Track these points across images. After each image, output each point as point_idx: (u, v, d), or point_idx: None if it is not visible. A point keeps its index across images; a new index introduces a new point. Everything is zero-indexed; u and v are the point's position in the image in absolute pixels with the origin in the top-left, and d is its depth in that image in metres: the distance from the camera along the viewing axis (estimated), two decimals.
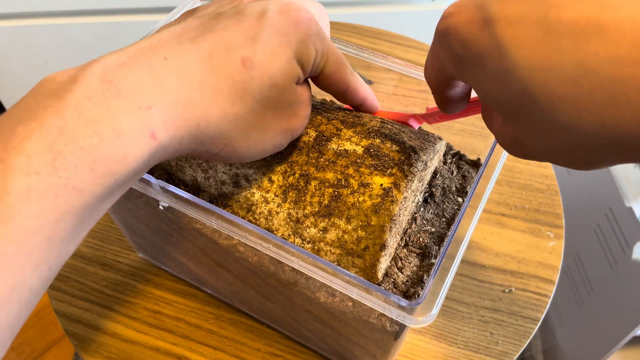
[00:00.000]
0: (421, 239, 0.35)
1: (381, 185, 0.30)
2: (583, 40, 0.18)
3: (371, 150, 0.32)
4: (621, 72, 0.17)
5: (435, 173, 0.39)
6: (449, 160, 0.41)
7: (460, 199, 0.38)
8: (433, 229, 0.36)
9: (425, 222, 0.36)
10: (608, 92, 0.18)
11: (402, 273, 0.33)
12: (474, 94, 0.30)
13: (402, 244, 0.35)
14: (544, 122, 0.20)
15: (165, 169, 0.37)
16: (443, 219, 0.36)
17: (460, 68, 0.23)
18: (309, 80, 0.31)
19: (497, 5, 0.20)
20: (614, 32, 0.18)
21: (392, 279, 0.33)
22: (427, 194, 0.38)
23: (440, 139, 0.37)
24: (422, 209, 0.37)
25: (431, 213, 0.37)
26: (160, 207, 0.35)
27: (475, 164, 0.42)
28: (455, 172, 0.40)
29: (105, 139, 0.21)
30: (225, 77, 0.25)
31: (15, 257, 0.19)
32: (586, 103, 0.18)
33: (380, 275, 0.31)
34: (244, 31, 0.26)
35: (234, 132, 0.26)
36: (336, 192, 0.31)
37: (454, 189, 0.39)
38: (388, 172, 0.31)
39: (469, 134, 0.48)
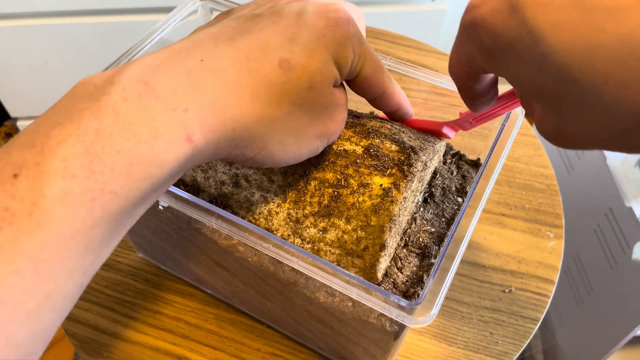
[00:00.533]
0: (421, 239, 0.35)
1: (381, 185, 0.30)
2: (624, 16, 0.17)
3: (371, 150, 0.32)
4: None
5: (435, 173, 0.39)
6: (448, 160, 0.41)
7: (460, 199, 0.38)
8: (433, 229, 0.36)
9: (425, 222, 0.36)
10: None
11: (401, 273, 0.33)
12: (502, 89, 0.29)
13: (402, 244, 0.35)
14: (588, 105, 0.19)
15: None
16: (443, 219, 0.36)
17: (491, 60, 0.22)
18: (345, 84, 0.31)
19: None
20: None
21: (391, 279, 0.33)
22: (426, 194, 0.38)
23: (440, 139, 0.37)
24: (421, 209, 0.37)
25: (431, 213, 0.37)
26: (160, 207, 0.35)
27: (475, 164, 0.42)
28: (455, 172, 0.40)
29: (142, 142, 0.21)
30: (262, 79, 0.25)
31: (50, 264, 0.19)
32: (633, 81, 0.18)
33: (379, 275, 0.31)
34: (281, 32, 0.25)
35: (270, 135, 0.26)
36: (336, 192, 0.31)
37: (453, 189, 0.39)
38: (388, 172, 0.31)
39: (469, 134, 0.48)
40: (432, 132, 0.36)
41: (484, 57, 0.22)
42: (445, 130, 0.35)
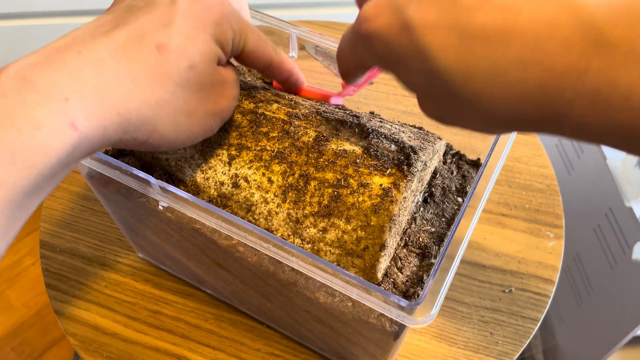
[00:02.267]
0: (421, 239, 0.35)
1: (381, 185, 0.30)
2: (492, 44, 0.20)
3: (370, 150, 0.32)
4: (525, 73, 0.19)
5: (435, 173, 0.39)
6: (448, 160, 0.41)
7: (460, 199, 0.38)
8: (433, 229, 0.36)
9: (425, 222, 0.36)
10: (517, 90, 0.20)
11: (401, 273, 0.33)
12: None
13: (402, 244, 0.35)
14: (466, 110, 0.22)
15: (164, 169, 0.37)
16: (443, 219, 0.36)
17: (384, 65, 0.25)
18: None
19: (413, 8, 0.21)
20: (517, 36, 0.19)
21: (391, 279, 0.33)
22: (426, 194, 0.38)
23: (439, 138, 0.37)
24: (421, 209, 0.37)
25: (431, 213, 0.37)
26: (160, 207, 0.35)
27: (475, 164, 0.42)
28: (455, 172, 0.40)
29: (24, 132, 0.22)
30: (142, 64, 0.26)
31: None
32: (499, 98, 0.20)
33: (379, 275, 0.31)
34: (156, 19, 0.27)
35: (158, 117, 0.27)
36: (336, 192, 0.31)
37: (453, 188, 0.39)
38: (387, 172, 0.31)
39: (469, 134, 0.48)
40: (321, 99, 0.38)
41: (378, 62, 0.25)
42: (334, 100, 0.38)
